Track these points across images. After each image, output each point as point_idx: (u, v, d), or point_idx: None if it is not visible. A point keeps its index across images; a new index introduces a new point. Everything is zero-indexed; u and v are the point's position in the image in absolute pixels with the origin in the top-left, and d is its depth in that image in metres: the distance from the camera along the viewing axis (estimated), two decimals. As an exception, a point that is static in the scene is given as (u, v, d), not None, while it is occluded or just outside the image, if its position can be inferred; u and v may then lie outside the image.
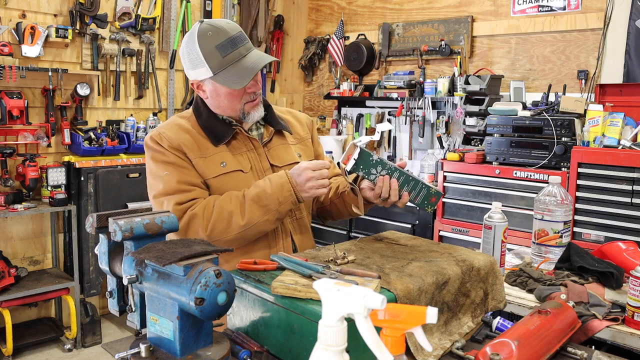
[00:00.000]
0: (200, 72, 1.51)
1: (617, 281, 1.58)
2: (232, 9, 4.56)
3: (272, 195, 1.46)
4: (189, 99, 4.34)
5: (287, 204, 1.47)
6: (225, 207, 1.47)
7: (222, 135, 1.57)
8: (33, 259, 3.63)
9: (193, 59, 1.50)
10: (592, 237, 2.82)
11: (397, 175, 1.45)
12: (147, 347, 0.95)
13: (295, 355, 1.03)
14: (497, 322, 1.27)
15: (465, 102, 3.65)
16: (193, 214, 1.47)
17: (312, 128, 1.82)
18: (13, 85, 3.32)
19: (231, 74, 1.49)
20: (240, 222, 1.45)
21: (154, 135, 1.55)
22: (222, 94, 1.54)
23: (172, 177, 1.50)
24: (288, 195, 1.46)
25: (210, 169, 1.54)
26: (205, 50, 1.47)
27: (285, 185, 1.46)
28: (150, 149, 1.55)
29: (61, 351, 3.46)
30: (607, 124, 2.88)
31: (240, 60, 1.49)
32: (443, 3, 4.09)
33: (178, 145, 1.52)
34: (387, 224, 3.66)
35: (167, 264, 0.90)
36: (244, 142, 1.61)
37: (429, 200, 1.46)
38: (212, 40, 1.47)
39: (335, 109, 4.68)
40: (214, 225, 1.46)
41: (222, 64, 1.48)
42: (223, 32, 1.48)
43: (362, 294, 0.71)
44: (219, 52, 1.47)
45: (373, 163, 1.44)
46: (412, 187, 1.46)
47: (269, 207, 1.46)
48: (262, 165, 1.62)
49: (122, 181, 3.70)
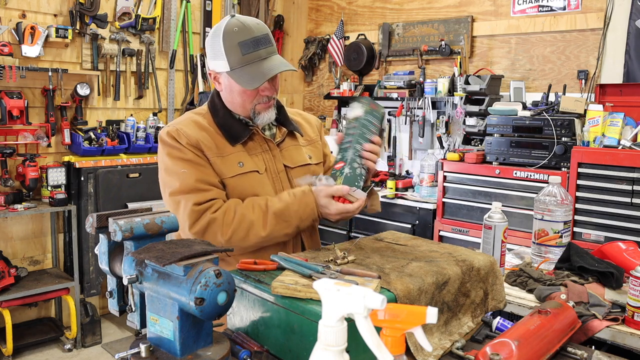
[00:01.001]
0: (219, 64, 1.51)
1: (617, 281, 1.58)
2: (232, 9, 4.56)
3: (296, 213, 1.47)
4: (188, 98, 4.34)
5: (309, 220, 1.49)
6: (247, 215, 1.45)
7: (239, 135, 1.57)
8: (33, 259, 3.63)
9: (215, 50, 1.51)
10: (592, 237, 2.82)
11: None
12: (147, 347, 0.95)
13: (295, 355, 1.03)
14: (497, 322, 1.27)
15: (465, 102, 3.65)
16: (213, 218, 1.45)
17: (321, 130, 1.84)
18: (13, 85, 3.32)
19: (246, 73, 1.49)
20: (261, 234, 1.45)
21: (171, 131, 1.53)
22: (236, 91, 1.54)
23: (189, 175, 1.48)
24: (311, 213, 1.48)
25: (228, 169, 1.53)
26: (227, 45, 1.47)
27: (310, 205, 1.47)
28: (166, 145, 1.53)
29: (61, 351, 3.46)
30: (607, 124, 2.88)
31: (259, 62, 1.49)
32: (443, 3, 4.09)
33: (196, 143, 1.51)
34: (387, 224, 3.66)
35: (167, 264, 0.90)
36: (259, 143, 1.61)
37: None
38: (236, 36, 1.47)
39: (335, 109, 4.68)
40: (234, 232, 1.44)
41: (241, 61, 1.48)
42: (249, 30, 1.48)
43: (362, 294, 0.71)
44: (240, 49, 1.47)
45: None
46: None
47: (291, 222, 1.47)
48: (277, 166, 1.61)
49: (122, 181, 3.70)
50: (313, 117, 1.85)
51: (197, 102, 4.29)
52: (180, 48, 4.25)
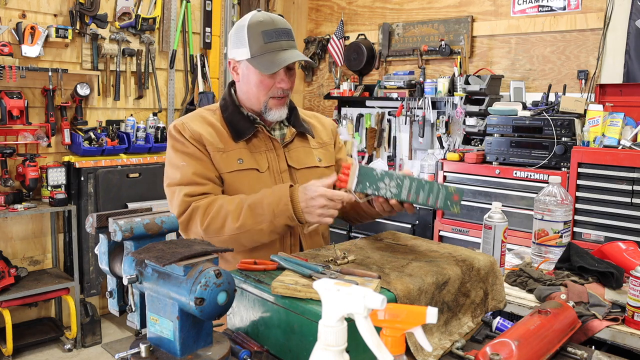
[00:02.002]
0: (240, 52, 1.55)
1: (617, 281, 1.58)
2: (232, 9, 4.56)
3: (269, 206, 1.42)
4: (188, 98, 4.34)
5: (283, 217, 1.41)
6: (225, 206, 1.46)
7: (243, 132, 1.58)
8: (33, 259, 3.63)
9: (238, 38, 1.55)
10: (592, 237, 2.82)
11: (409, 183, 1.34)
12: (147, 347, 0.95)
13: (295, 355, 1.03)
14: (497, 322, 1.27)
15: (465, 102, 3.65)
16: (196, 207, 1.48)
17: (336, 134, 1.83)
18: (13, 85, 3.32)
19: (265, 60, 1.51)
20: (233, 225, 1.44)
21: (178, 125, 1.57)
22: (253, 81, 1.56)
23: (188, 168, 1.52)
24: (284, 209, 1.41)
25: (227, 164, 1.54)
26: (251, 33, 1.52)
27: (284, 199, 1.41)
28: (172, 138, 1.57)
29: (61, 351, 3.46)
30: (607, 124, 2.88)
31: (279, 51, 1.52)
32: (443, 3, 4.09)
33: (199, 137, 1.54)
34: (387, 224, 3.66)
35: (167, 264, 0.90)
36: (264, 142, 1.61)
37: (451, 200, 1.34)
38: (260, 26, 1.52)
39: (335, 109, 4.68)
40: (210, 222, 1.46)
41: (262, 49, 1.51)
42: (273, 22, 1.53)
43: (362, 294, 0.71)
44: (263, 38, 1.51)
45: (379, 177, 1.33)
46: (428, 191, 1.34)
47: (264, 216, 1.43)
48: (280, 166, 1.61)
49: (122, 181, 3.70)
50: (329, 120, 1.86)
51: (197, 102, 4.29)
52: (180, 48, 4.25)
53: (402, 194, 1.34)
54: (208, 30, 4.41)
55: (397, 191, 1.34)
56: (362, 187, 1.34)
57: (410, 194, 1.34)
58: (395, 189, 1.34)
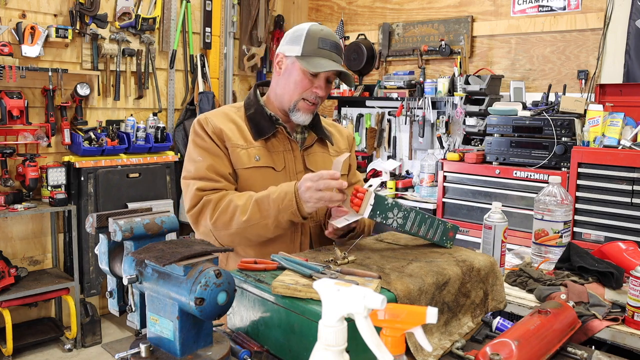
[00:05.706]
0: (293, 48, 1.61)
1: (617, 281, 1.58)
2: (232, 9, 4.55)
3: (274, 202, 1.45)
4: (188, 98, 4.34)
5: (287, 213, 1.43)
6: (234, 201, 1.50)
7: (264, 131, 1.62)
8: (33, 259, 3.63)
9: (295, 37, 1.61)
10: (592, 237, 2.82)
11: (414, 216, 1.41)
12: (147, 347, 0.95)
13: (295, 355, 1.03)
14: (497, 322, 1.27)
15: (465, 102, 3.65)
16: (208, 200, 1.51)
17: (352, 144, 1.90)
18: (13, 85, 3.31)
19: (312, 61, 1.58)
20: (240, 219, 1.47)
21: (201, 119, 1.62)
22: (293, 77, 1.61)
23: (203, 163, 1.56)
24: (289, 204, 1.43)
25: (244, 160, 1.58)
26: (309, 36, 1.59)
27: (289, 194, 1.44)
28: (194, 132, 1.62)
29: (61, 351, 3.46)
30: (607, 124, 2.88)
31: (328, 59, 1.60)
32: (443, 3, 4.09)
33: (220, 132, 1.58)
34: (387, 224, 3.65)
35: (167, 264, 0.90)
36: (282, 142, 1.65)
37: (447, 236, 1.44)
38: (319, 33, 1.60)
39: (335, 109, 4.68)
40: (219, 216, 1.49)
41: (314, 52, 1.59)
42: (331, 35, 1.63)
43: (362, 294, 0.71)
44: (318, 42, 1.59)
45: (389, 207, 1.39)
46: (429, 226, 1.43)
47: (269, 212, 1.46)
48: (297, 167, 1.65)
49: (122, 181, 3.70)
50: (347, 130, 1.92)
51: (197, 102, 4.28)
52: (180, 48, 4.25)
53: (406, 225, 1.41)
54: (208, 30, 4.41)
55: (402, 222, 1.41)
56: (372, 214, 1.38)
57: (414, 226, 1.42)
58: (402, 220, 1.41)
